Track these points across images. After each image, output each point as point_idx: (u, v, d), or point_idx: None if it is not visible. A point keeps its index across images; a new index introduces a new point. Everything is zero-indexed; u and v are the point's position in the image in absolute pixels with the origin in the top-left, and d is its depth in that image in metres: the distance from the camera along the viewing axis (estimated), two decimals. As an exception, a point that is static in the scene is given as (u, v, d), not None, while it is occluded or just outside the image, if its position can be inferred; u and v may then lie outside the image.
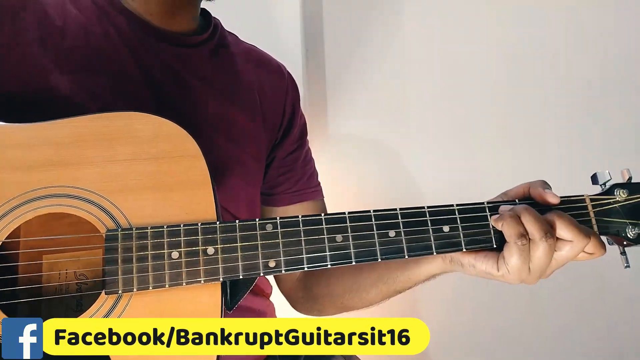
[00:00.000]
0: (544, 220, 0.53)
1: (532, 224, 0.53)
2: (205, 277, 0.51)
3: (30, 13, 0.60)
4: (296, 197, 0.80)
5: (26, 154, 0.52)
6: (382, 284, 0.69)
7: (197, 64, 0.69)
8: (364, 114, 1.18)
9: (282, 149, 0.79)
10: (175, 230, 0.52)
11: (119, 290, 0.50)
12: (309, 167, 0.83)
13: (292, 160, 0.80)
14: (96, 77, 0.62)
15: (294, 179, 0.80)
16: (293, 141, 0.80)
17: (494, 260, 0.56)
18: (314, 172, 0.84)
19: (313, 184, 0.83)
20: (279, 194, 0.80)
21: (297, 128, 0.81)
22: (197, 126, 0.63)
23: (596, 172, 0.60)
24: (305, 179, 0.81)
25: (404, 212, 0.56)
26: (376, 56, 1.19)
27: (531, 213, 0.53)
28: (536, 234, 0.52)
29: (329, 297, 0.77)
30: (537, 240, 0.52)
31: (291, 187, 0.80)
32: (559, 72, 1.16)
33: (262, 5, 1.14)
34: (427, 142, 1.18)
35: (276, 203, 0.80)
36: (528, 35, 1.16)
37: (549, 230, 0.52)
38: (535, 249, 0.53)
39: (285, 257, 0.53)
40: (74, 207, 0.52)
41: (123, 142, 0.54)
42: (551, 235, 0.52)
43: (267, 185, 0.79)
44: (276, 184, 0.79)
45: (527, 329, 1.17)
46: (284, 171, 0.79)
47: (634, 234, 0.56)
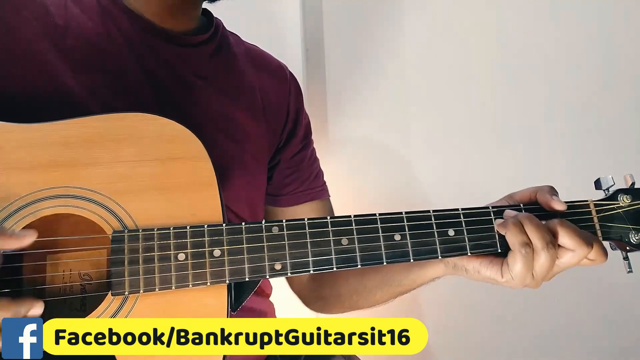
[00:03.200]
0: (547, 230, 0.54)
1: (534, 234, 0.53)
2: (211, 279, 0.51)
3: (31, 12, 0.60)
4: (303, 197, 0.80)
5: (32, 154, 0.51)
6: (386, 287, 0.70)
7: (199, 64, 0.68)
8: (365, 115, 1.18)
9: (288, 150, 0.79)
10: (181, 231, 0.52)
11: (125, 291, 0.50)
12: (314, 166, 0.84)
13: (298, 160, 0.80)
14: (98, 76, 0.61)
15: (301, 179, 0.80)
16: (298, 142, 0.80)
17: (499, 266, 0.56)
18: (320, 172, 0.85)
19: (319, 184, 0.83)
20: (286, 194, 0.80)
21: (302, 128, 0.81)
22: (198, 126, 0.62)
23: (599, 178, 0.60)
24: (312, 178, 0.82)
25: (410, 215, 0.56)
26: (376, 56, 1.18)
27: (533, 222, 0.54)
28: (538, 243, 0.53)
29: (337, 298, 0.78)
30: (539, 250, 0.53)
31: (298, 187, 0.80)
32: (563, 73, 1.16)
33: (262, 5, 1.14)
34: (428, 143, 1.18)
35: (283, 203, 0.80)
36: (529, 37, 1.17)
37: (550, 240, 0.53)
38: (538, 258, 0.53)
39: (291, 260, 0.53)
40: (79, 208, 0.51)
41: (129, 143, 0.54)
42: (553, 245, 0.53)
43: (274, 187, 0.79)
44: (283, 184, 0.79)
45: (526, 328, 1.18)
46: (291, 172, 0.79)
47: (637, 240, 0.57)
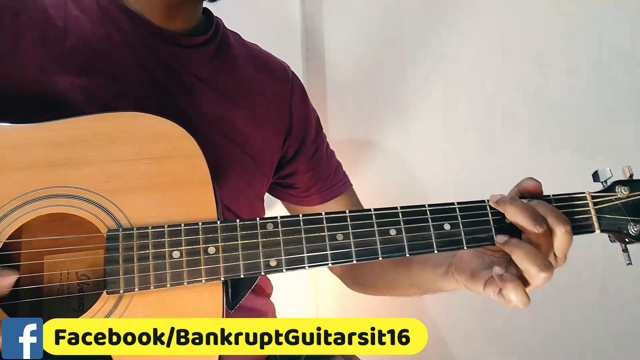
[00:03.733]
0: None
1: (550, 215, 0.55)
2: (206, 276, 0.51)
3: (31, 13, 0.60)
4: (329, 194, 0.81)
5: (27, 154, 0.52)
6: (417, 288, 0.73)
7: (198, 65, 0.68)
8: (364, 115, 1.18)
9: (304, 152, 0.79)
10: (176, 229, 0.52)
11: (120, 290, 0.50)
12: (333, 161, 0.84)
13: (318, 159, 0.81)
14: (97, 77, 0.61)
15: (323, 177, 0.81)
16: (312, 141, 0.80)
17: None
18: (339, 165, 0.85)
19: (340, 177, 0.84)
20: (313, 194, 0.81)
21: (313, 128, 0.81)
22: (197, 126, 0.63)
23: (597, 170, 0.60)
24: (333, 174, 0.83)
25: (405, 210, 0.56)
26: (376, 56, 1.18)
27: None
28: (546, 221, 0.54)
29: (373, 289, 0.82)
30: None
31: (322, 186, 0.81)
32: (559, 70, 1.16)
33: (262, 5, 1.14)
34: (427, 143, 1.18)
35: (311, 203, 0.81)
36: (529, 36, 1.16)
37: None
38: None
39: (286, 256, 0.53)
40: (74, 207, 0.52)
41: (123, 142, 0.54)
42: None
43: (300, 190, 0.81)
44: (309, 186, 0.80)
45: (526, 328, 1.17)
46: (313, 173, 0.80)
47: (635, 231, 0.56)
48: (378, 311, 1.06)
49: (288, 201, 0.84)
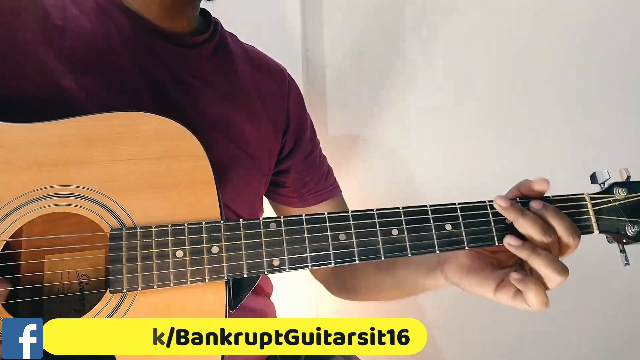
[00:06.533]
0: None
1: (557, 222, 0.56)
2: (209, 275, 0.52)
3: (30, 12, 0.60)
4: (319, 196, 0.82)
5: (29, 153, 0.52)
6: (399, 289, 0.73)
7: (197, 64, 0.68)
8: (364, 114, 1.18)
9: (299, 152, 0.80)
10: (179, 229, 0.52)
11: (123, 289, 0.50)
12: (325, 166, 0.85)
13: (311, 161, 0.82)
14: (96, 76, 0.61)
15: (315, 180, 0.82)
16: (307, 143, 0.81)
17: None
18: (330, 170, 0.86)
19: (331, 182, 0.85)
20: (302, 195, 0.81)
21: (308, 129, 0.82)
22: (196, 125, 0.62)
23: (595, 172, 0.61)
24: (325, 178, 0.84)
25: (407, 210, 0.56)
26: (376, 56, 1.19)
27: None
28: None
29: (355, 292, 0.82)
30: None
31: (313, 187, 0.82)
32: (558, 71, 1.16)
33: (262, 6, 1.14)
34: (427, 142, 1.18)
35: (300, 204, 0.82)
36: (529, 36, 1.17)
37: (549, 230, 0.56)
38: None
39: (288, 256, 0.53)
40: (77, 207, 0.51)
41: (127, 142, 0.54)
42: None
43: (291, 189, 0.81)
44: (300, 186, 0.81)
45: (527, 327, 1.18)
46: (306, 173, 0.81)
47: (633, 232, 0.57)
48: (378, 311, 1.06)
49: (277, 201, 0.85)
